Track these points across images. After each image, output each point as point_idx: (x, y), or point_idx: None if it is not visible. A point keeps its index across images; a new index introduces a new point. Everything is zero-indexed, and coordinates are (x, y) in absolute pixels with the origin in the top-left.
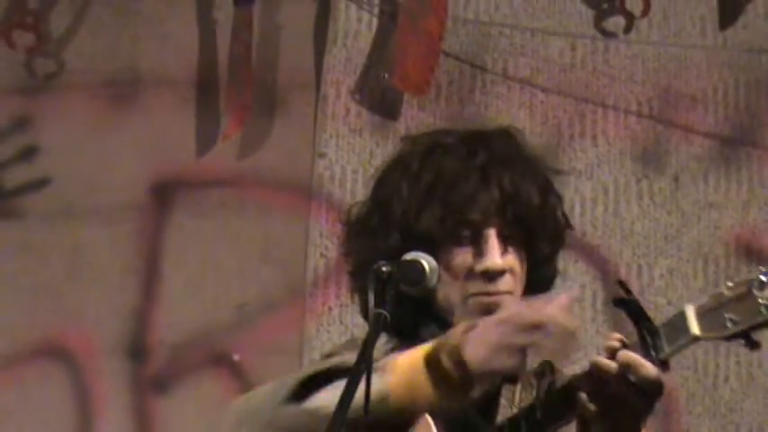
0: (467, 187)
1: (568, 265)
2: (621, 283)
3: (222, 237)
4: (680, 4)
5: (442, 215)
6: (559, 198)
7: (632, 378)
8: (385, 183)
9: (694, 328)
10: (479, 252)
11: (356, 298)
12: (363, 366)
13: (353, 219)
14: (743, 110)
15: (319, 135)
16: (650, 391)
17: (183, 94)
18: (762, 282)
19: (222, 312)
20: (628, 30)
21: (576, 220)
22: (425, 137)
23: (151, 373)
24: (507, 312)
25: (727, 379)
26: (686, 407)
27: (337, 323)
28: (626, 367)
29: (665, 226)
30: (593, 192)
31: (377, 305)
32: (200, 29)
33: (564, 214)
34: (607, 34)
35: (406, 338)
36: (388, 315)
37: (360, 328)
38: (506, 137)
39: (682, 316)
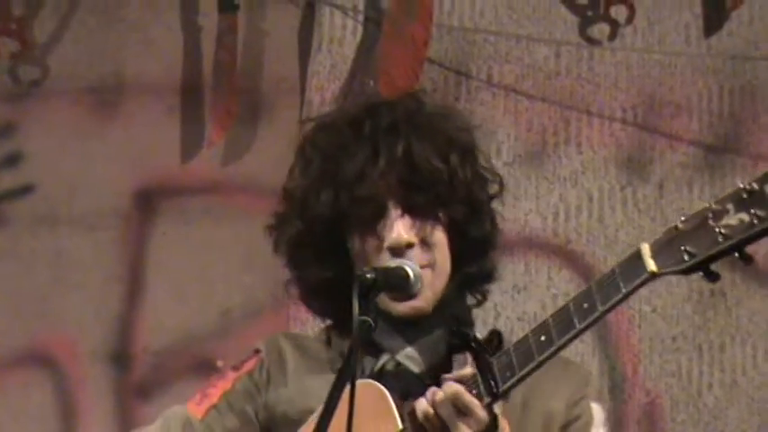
0: (354, 163)
1: (553, 272)
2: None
3: (206, 243)
4: (664, 11)
5: (333, 196)
6: (471, 151)
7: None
8: (290, 170)
9: (651, 264)
10: (383, 229)
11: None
12: (348, 373)
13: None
14: (727, 117)
15: None
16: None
17: (168, 101)
18: (716, 211)
19: (206, 319)
20: (612, 37)
21: (560, 227)
22: (321, 117)
23: (135, 379)
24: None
25: (710, 386)
26: (670, 414)
27: None
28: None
29: (650, 233)
30: (577, 199)
31: (361, 312)
32: (184, 35)
33: (481, 166)
34: (592, 41)
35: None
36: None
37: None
38: (402, 102)
39: (637, 254)
